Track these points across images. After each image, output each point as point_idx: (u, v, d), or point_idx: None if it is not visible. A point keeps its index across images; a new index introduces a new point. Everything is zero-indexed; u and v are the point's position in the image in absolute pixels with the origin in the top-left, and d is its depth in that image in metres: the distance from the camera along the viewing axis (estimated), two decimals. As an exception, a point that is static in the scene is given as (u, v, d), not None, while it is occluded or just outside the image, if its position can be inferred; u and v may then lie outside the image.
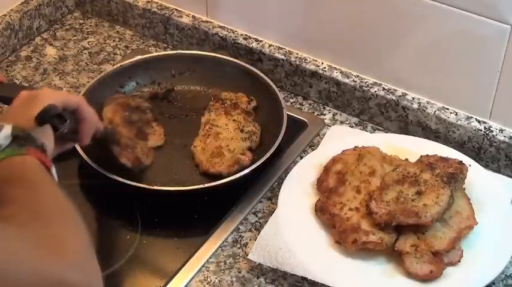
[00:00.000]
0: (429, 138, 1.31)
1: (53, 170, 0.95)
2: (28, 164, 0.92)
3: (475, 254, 1.12)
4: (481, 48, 1.23)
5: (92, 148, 1.28)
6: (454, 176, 1.15)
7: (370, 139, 1.29)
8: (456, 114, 1.31)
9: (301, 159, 1.29)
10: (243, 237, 1.20)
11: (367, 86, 1.36)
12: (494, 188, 1.21)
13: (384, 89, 1.35)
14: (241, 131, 1.30)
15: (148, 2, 1.54)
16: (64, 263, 0.78)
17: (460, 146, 1.30)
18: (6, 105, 1.37)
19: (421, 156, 1.21)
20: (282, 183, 1.23)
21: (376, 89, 1.36)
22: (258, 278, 1.14)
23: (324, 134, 1.35)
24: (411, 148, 1.26)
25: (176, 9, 1.53)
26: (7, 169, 0.91)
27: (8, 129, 0.93)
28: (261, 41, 1.45)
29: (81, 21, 1.62)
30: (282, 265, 1.12)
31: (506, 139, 1.26)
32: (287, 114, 1.30)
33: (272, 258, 1.12)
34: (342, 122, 1.39)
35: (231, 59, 1.41)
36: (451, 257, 1.11)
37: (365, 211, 1.14)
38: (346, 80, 1.38)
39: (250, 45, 1.45)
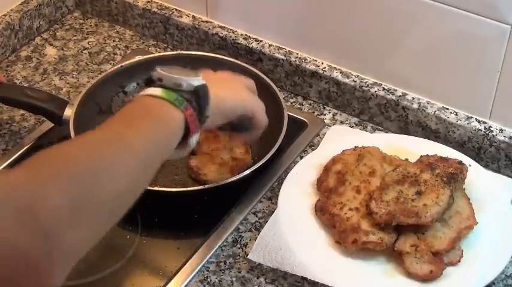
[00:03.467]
0: (429, 139, 1.31)
1: (194, 137, 0.94)
2: (165, 118, 0.91)
3: (475, 254, 1.12)
4: (481, 48, 1.23)
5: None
6: (454, 176, 1.15)
7: (370, 139, 1.29)
8: (456, 114, 1.31)
9: (301, 159, 1.29)
10: (243, 237, 1.20)
11: (367, 86, 1.36)
12: (494, 188, 1.21)
13: (384, 89, 1.35)
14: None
15: (148, 2, 1.54)
16: (27, 228, 0.72)
17: (460, 146, 1.31)
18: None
19: (421, 156, 1.21)
20: (282, 183, 1.23)
21: (376, 89, 1.36)
22: (258, 278, 1.14)
23: (324, 134, 1.35)
24: (411, 148, 1.26)
25: (176, 9, 1.53)
26: (147, 106, 0.91)
27: (197, 82, 0.95)
28: (261, 41, 1.45)
29: (81, 21, 1.62)
30: (282, 265, 1.12)
31: (506, 139, 1.26)
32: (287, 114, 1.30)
33: (272, 258, 1.12)
34: (342, 122, 1.39)
35: (231, 59, 1.41)
36: (451, 257, 1.11)
37: (365, 211, 1.14)
38: (346, 80, 1.38)
39: (250, 45, 1.45)
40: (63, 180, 0.76)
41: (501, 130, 1.27)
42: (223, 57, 1.42)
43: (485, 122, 1.29)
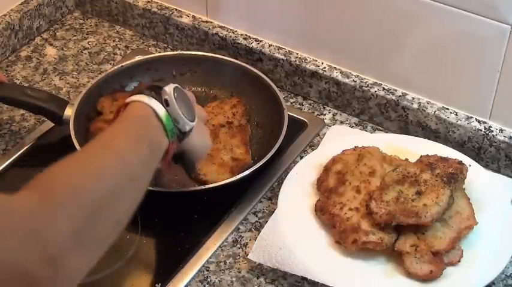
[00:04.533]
0: (429, 139, 1.31)
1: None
2: (153, 139, 0.97)
3: (475, 254, 1.12)
4: (481, 48, 1.23)
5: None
6: (454, 176, 1.15)
7: (370, 139, 1.29)
8: (456, 114, 1.31)
9: (301, 159, 1.29)
10: (243, 237, 1.20)
11: (367, 86, 1.36)
12: (494, 188, 1.21)
13: (384, 89, 1.35)
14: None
15: (148, 2, 1.54)
16: (35, 254, 0.75)
17: (460, 146, 1.31)
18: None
19: (421, 156, 1.21)
20: (282, 183, 1.23)
21: (376, 89, 1.36)
22: (258, 278, 1.14)
23: (324, 134, 1.35)
24: (411, 148, 1.26)
25: (176, 9, 1.53)
26: (148, 125, 0.98)
27: (190, 127, 1.04)
28: (261, 41, 1.45)
29: (81, 21, 1.62)
30: (282, 265, 1.12)
31: (506, 139, 1.26)
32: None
33: (272, 258, 1.12)
34: (342, 122, 1.39)
35: (231, 59, 1.41)
36: (451, 257, 1.11)
37: (365, 211, 1.14)
38: (346, 80, 1.38)
39: (250, 45, 1.45)
40: (71, 208, 0.79)
41: (501, 130, 1.27)
42: (223, 57, 1.42)
43: (485, 122, 1.29)
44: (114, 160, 0.89)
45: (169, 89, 1.02)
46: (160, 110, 0.99)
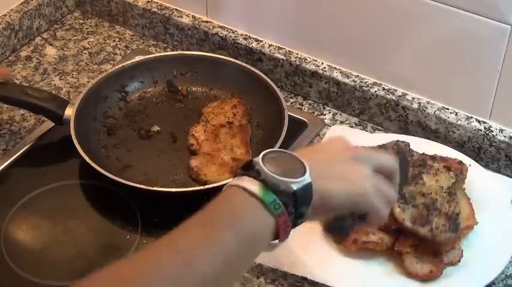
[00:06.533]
0: (429, 139, 1.31)
1: (281, 243, 0.85)
2: (256, 227, 0.81)
3: (475, 254, 1.12)
4: (481, 48, 1.23)
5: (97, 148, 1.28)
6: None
7: (370, 139, 1.29)
8: (456, 114, 1.31)
9: (301, 159, 1.29)
10: (243, 237, 1.20)
11: (367, 86, 1.36)
12: (494, 188, 1.21)
13: (384, 89, 1.36)
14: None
15: (148, 2, 1.54)
16: None
17: (460, 146, 1.31)
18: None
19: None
20: (282, 183, 1.23)
21: (376, 89, 1.36)
22: (258, 278, 1.14)
23: (324, 134, 1.35)
24: (411, 148, 1.26)
25: (176, 9, 1.53)
26: (238, 207, 0.82)
27: (297, 185, 0.83)
28: (261, 41, 1.45)
29: (81, 21, 1.62)
30: (282, 265, 1.12)
31: (506, 139, 1.26)
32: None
33: (272, 258, 1.12)
34: (342, 122, 1.39)
35: (231, 59, 1.41)
36: (451, 257, 1.11)
37: (365, 211, 1.14)
38: (346, 80, 1.38)
39: (250, 45, 1.45)
40: None
41: (501, 130, 1.27)
42: (223, 57, 1.42)
43: (485, 122, 1.29)
44: (181, 265, 0.76)
45: (260, 156, 0.86)
46: (252, 184, 0.83)
